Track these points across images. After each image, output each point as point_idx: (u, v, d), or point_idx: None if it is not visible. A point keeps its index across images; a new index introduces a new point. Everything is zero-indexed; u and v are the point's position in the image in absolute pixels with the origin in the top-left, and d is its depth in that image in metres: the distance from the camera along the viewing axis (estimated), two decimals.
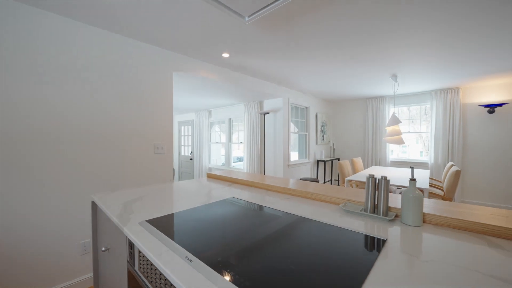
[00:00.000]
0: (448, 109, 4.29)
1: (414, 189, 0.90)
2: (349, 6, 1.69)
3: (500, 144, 3.93)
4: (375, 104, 5.15)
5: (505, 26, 2.00)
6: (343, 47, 2.43)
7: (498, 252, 0.68)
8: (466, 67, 3.10)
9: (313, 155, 5.17)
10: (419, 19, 1.87)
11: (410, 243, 0.75)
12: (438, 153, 4.42)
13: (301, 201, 1.28)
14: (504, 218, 0.87)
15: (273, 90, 3.96)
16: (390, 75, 3.45)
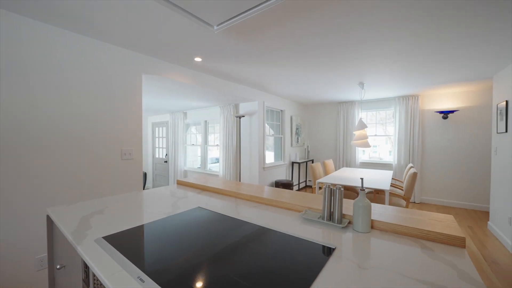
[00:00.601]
0: (409, 114, 4.66)
1: (363, 198, 0.98)
2: (317, 22, 1.77)
3: (453, 147, 4.36)
4: (346, 109, 5.43)
5: (456, 45, 2.23)
6: (315, 56, 2.53)
7: (429, 256, 0.78)
8: (425, 77, 3.40)
9: (288, 157, 5.30)
10: (383, 34, 2.02)
11: (356, 251, 0.82)
12: (401, 155, 4.78)
13: (267, 209, 1.32)
14: (439, 223, 0.99)
15: (248, 94, 4.00)
16: (358, 82, 3.66)
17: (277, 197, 1.40)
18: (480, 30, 1.94)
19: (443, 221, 0.99)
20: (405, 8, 1.62)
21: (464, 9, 1.63)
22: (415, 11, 1.66)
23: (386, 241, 0.89)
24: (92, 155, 2.10)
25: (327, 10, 1.64)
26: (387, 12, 1.67)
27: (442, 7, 1.61)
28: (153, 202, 1.45)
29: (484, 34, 2.01)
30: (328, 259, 0.76)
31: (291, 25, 1.85)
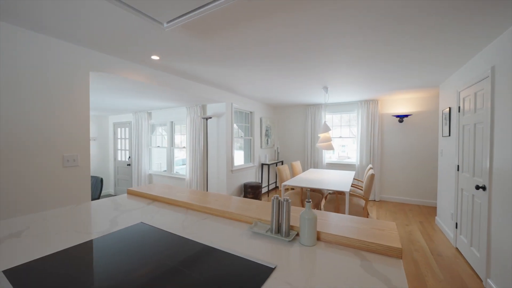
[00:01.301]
0: (370, 117, 4.94)
1: (309, 211, 0.96)
2: (277, 30, 1.74)
3: (407, 148, 4.73)
4: (313, 111, 5.58)
5: (408, 55, 2.38)
6: (280, 59, 2.52)
7: (367, 271, 0.77)
8: (382, 83, 3.61)
9: (258, 159, 5.28)
10: (343, 42, 2.07)
11: (297, 270, 0.78)
12: (363, 156, 5.06)
13: (218, 221, 1.24)
14: (381, 232, 1.00)
15: (216, 95, 3.88)
16: (322, 86, 3.77)
17: (229, 208, 1.33)
18: (428, 42, 2.09)
19: (385, 229, 1.01)
20: (360, 18, 1.67)
21: (413, 21, 1.73)
22: (370, 22, 1.72)
23: (330, 254, 0.87)
24: (26, 164, 1.82)
25: (286, 17, 1.61)
26: (344, 21, 1.70)
27: (395, 20, 1.69)
28: (89, 218, 1.28)
29: (432, 45, 2.17)
30: (263, 282, 0.71)
31: (251, 29, 1.80)
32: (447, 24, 1.76)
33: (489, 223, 2.07)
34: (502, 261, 1.86)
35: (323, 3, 1.48)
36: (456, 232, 2.84)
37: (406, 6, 1.51)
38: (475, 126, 2.43)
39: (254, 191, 4.35)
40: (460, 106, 2.84)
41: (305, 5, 1.50)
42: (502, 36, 1.92)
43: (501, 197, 1.89)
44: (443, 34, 1.93)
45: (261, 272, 0.76)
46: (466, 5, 1.51)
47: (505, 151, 1.85)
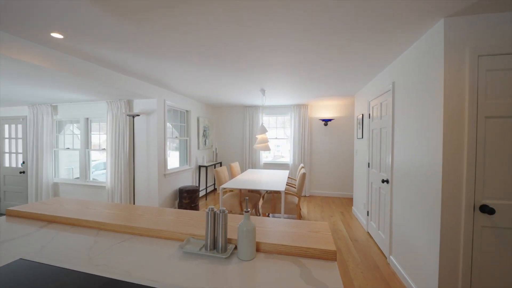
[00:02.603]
0: (301, 120, 5.39)
1: (247, 221, 0.89)
2: (217, 27, 1.61)
3: (331, 148, 5.38)
4: (251, 112, 5.68)
5: (332, 67, 2.65)
6: (218, 58, 2.38)
7: (306, 280, 0.75)
8: (311, 90, 3.96)
9: (195, 160, 4.99)
10: (277, 50, 2.10)
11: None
12: (295, 156, 5.47)
13: (142, 241, 1.03)
14: (317, 234, 1.02)
15: (145, 90, 3.41)
16: (260, 89, 3.85)
17: (157, 224, 1.13)
18: (348, 55, 2.38)
19: (320, 231, 1.04)
20: (292, 30, 1.72)
21: (333, 35, 1.91)
22: (300, 34, 1.80)
23: (270, 266, 0.82)
24: None
25: (224, 16, 1.51)
26: (276, 30, 1.72)
27: (322, 32, 1.82)
28: None
29: (350, 59, 2.48)
30: None
31: (186, 15, 1.61)
32: (361, 45, 2.03)
33: (391, 210, 2.52)
34: (399, 241, 2.29)
35: (257, 11, 1.45)
36: (368, 219, 3.38)
37: (332, 19, 1.65)
38: (381, 130, 2.93)
39: (191, 196, 4.06)
40: (370, 113, 3.39)
41: (241, 11, 1.43)
42: (400, 58, 2.36)
43: (399, 188, 2.33)
44: (358, 52, 2.23)
45: None
46: (373, 29, 1.76)
47: (401, 151, 2.29)
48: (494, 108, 1.54)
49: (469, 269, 1.58)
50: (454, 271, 1.61)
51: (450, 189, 1.61)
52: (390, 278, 2.25)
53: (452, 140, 1.61)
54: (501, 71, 1.53)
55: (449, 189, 1.61)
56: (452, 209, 1.61)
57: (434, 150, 1.72)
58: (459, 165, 1.60)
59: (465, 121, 1.58)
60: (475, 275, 1.58)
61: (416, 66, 2.01)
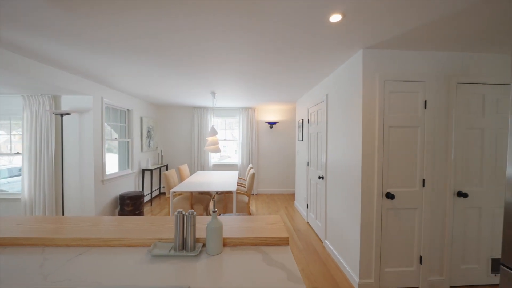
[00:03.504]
0: (249, 123, 5.67)
1: (215, 220, 1.00)
2: (168, 28, 1.62)
3: (276, 149, 5.84)
4: (200, 113, 5.63)
5: (278, 77, 2.94)
6: (167, 58, 2.34)
7: (268, 263, 0.92)
8: (258, 95, 4.23)
9: (138, 164, 4.62)
10: (229, 58, 2.23)
11: (212, 281, 0.80)
12: (244, 156, 5.71)
13: (102, 252, 1.01)
14: (272, 225, 1.21)
15: (78, 84, 3.00)
16: (210, 91, 3.89)
17: (115, 233, 1.11)
18: (289, 69, 2.71)
19: (275, 223, 1.24)
20: (240, 42, 1.89)
21: (277, 53, 2.18)
22: (247, 47, 1.99)
23: (237, 257, 0.96)
24: None
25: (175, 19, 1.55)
26: (226, 36, 1.86)
27: (265, 49, 2.05)
28: None
29: (293, 72, 2.82)
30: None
31: (135, 12, 1.57)
32: (301, 62, 2.38)
33: (326, 202, 2.99)
34: (332, 227, 2.76)
35: (207, 27, 1.57)
36: (307, 211, 3.87)
37: (273, 41, 1.90)
38: (317, 134, 3.42)
39: (135, 202, 3.76)
40: (309, 119, 3.89)
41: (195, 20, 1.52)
42: (332, 74, 2.84)
43: (332, 183, 2.80)
44: (299, 67, 2.58)
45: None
46: (311, 51, 2.11)
47: (333, 152, 2.76)
48: (394, 120, 2.08)
49: (379, 239, 2.08)
50: (370, 242, 2.09)
51: (367, 181, 2.08)
52: (326, 259, 2.68)
53: (368, 144, 2.08)
54: (399, 93, 2.08)
55: (366, 181, 2.08)
56: (368, 197, 2.09)
57: (356, 151, 2.17)
58: (372, 163, 2.08)
59: (375, 129, 2.07)
60: (383, 243, 2.09)
61: (343, 83, 2.48)
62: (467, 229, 2.16)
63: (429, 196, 2.10)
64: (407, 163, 2.10)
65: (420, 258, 2.12)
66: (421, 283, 2.11)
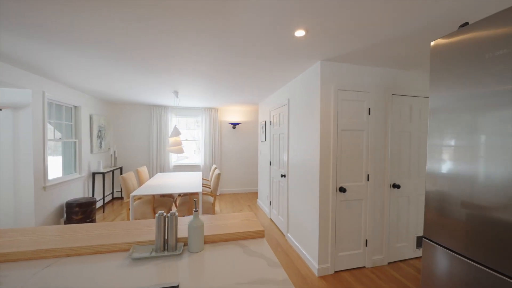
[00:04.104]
0: (212, 123, 5.64)
1: (197, 220, 1.06)
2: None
3: (239, 149, 5.95)
4: (160, 112, 5.35)
5: (242, 80, 3.04)
6: (126, 52, 2.21)
7: (248, 254, 1.02)
8: (221, 95, 4.27)
9: (87, 167, 4.16)
10: (195, 57, 2.24)
11: (197, 277, 0.86)
12: (207, 157, 5.66)
13: (75, 261, 0.96)
14: (248, 221, 1.32)
15: (12, 76, 2.57)
16: (173, 90, 3.77)
17: (85, 241, 1.07)
18: (253, 73, 2.85)
19: (250, 219, 1.35)
20: (204, 44, 1.95)
21: (242, 56, 2.30)
22: (212, 48, 2.05)
23: (219, 252, 1.04)
24: None
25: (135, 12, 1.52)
26: (190, 39, 1.90)
27: (232, 53, 2.15)
28: None
29: (255, 76, 2.97)
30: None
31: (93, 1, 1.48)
32: (264, 67, 2.54)
33: (287, 198, 3.24)
34: (294, 220, 3.01)
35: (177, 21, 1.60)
36: (270, 208, 4.09)
37: (240, 47, 2.02)
38: (280, 135, 3.66)
39: (85, 210, 3.39)
40: (271, 120, 4.12)
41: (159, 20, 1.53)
42: (294, 80, 3.08)
43: (293, 180, 3.05)
44: (262, 72, 2.75)
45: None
46: (275, 59, 2.29)
47: (294, 152, 3.01)
48: (345, 124, 2.40)
49: (334, 228, 2.39)
50: (326, 231, 2.37)
51: (324, 178, 2.36)
52: (288, 250, 2.91)
53: (324, 145, 2.36)
54: (349, 101, 2.41)
55: (324, 178, 2.36)
56: (325, 191, 2.37)
57: (315, 151, 2.44)
58: (328, 162, 2.37)
59: (331, 132, 2.37)
60: (337, 231, 2.40)
61: (304, 90, 2.74)
62: (399, 214, 2.64)
63: (372, 188, 2.50)
64: (356, 161, 2.45)
65: (366, 241, 2.50)
66: (366, 262, 2.49)
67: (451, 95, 1.13)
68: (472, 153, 1.04)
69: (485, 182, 0.99)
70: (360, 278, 2.31)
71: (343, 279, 2.29)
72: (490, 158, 0.98)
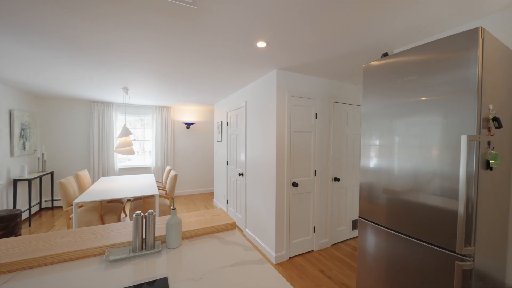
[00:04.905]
0: (164, 122, 5.39)
1: (175, 217, 1.12)
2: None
3: (194, 150, 5.84)
4: (102, 110, 4.81)
5: (199, 80, 3.07)
6: (72, 41, 2.00)
7: (225, 244, 1.14)
8: (175, 94, 4.15)
9: (7, 173, 3.44)
10: (150, 55, 2.19)
11: (183, 268, 0.94)
12: (158, 158, 5.37)
13: (39, 272, 0.90)
14: (219, 216, 1.42)
15: None
16: (122, 87, 3.49)
17: (51, 249, 1.00)
18: (210, 74, 2.93)
19: (220, 214, 1.45)
20: (165, 40, 1.97)
21: (199, 54, 2.37)
22: (171, 47, 2.08)
23: (197, 245, 1.12)
24: None
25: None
26: (144, 37, 1.89)
27: (185, 55, 2.21)
28: None
29: (212, 77, 3.05)
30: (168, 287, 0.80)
31: None
32: (222, 70, 2.67)
33: (245, 195, 3.42)
34: (252, 216, 3.21)
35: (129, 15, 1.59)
36: (228, 206, 4.20)
37: (199, 50, 2.10)
38: (237, 135, 3.81)
39: (7, 224, 2.81)
40: (228, 121, 4.23)
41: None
42: (252, 84, 3.28)
43: (251, 178, 3.25)
44: (221, 74, 2.86)
45: (157, 285, 0.82)
46: (233, 63, 2.44)
47: (252, 151, 3.21)
48: (297, 127, 2.72)
49: (289, 219, 2.68)
50: (282, 222, 2.65)
51: (280, 174, 2.62)
52: None
53: (280, 144, 2.63)
54: (300, 106, 2.75)
55: (279, 175, 2.62)
56: (281, 187, 2.63)
57: (271, 151, 2.68)
58: (283, 160, 2.64)
59: (285, 133, 2.65)
60: (291, 221, 2.70)
61: (261, 94, 2.96)
62: (339, 203, 3.13)
63: (319, 182, 2.90)
64: (306, 159, 2.81)
65: (314, 228, 2.88)
66: (314, 246, 2.88)
67: (377, 104, 1.49)
68: (390, 150, 1.41)
69: (398, 173, 1.36)
70: (311, 260, 2.67)
71: (296, 263, 2.60)
72: (401, 154, 1.35)
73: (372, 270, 1.49)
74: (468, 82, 1.07)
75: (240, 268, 0.93)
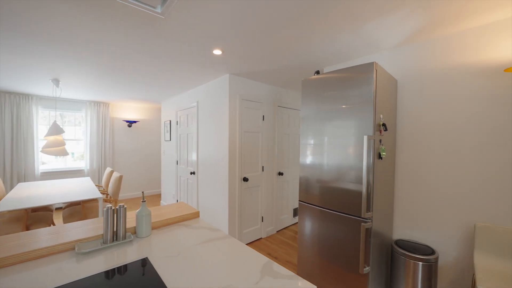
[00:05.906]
0: (101, 120, 4.87)
1: (145, 208, 1.22)
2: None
3: (138, 149, 5.45)
4: (17, 103, 4.01)
5: (142, 77, 3.01)
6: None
7: (194, 229, 1.30)
8: (116, 90, 3.84)
9: None
10: (81, 45, 2.09)
11: (159, 249, 1.07)
12: (94, 159, 4.81)
13: (12, 272, 0.88)
14: (182, 208, 1.56)
15: None
16: (52, 78, 3.06)
17: (9, 251, 0.97)
18: (158, 71, 2.94)
19: (182, 206, 1.59)
20: (113, 28, 1.97)
21: (144, 52, 2.42)
22: (121, 39, 2.08)
23: (167, 234, 1.25)
24: None
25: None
26: (102, 23, 1.87)
27: (130, 48, 2.24)
28: None
29: (160, 75, 3.06)
30: (147, 263, 0.93)
31: None
32: (178, 70, 2.74)
33: (198, 193, 3.51)
34: (205, 212, 3.34)
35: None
36: None
37: (153, 49, 2.17)
38: (188, 135, 3.85)
39: None
40: (178, 120, 4.20)
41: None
42: (205, 85, 3.39)
43: (203, 176, 3.37)
44: (173, 73, 2.91)
45: (139, 265, 0.94)
46: (186, 62, 2.56)
47: (204, 150, 3.33)
48: (247, 127, 3.02)
49: (240, 211, 2.95)
50: (234, 215, 2.89)
51: (232, 171, 2.86)
52: None
53: (232, 143, 2.86)
54: (249, 109, 3.05)
55: (232, 171, 2.86)
56: (233, 182, 2.87)
57: (224, 149, 2.89)
58: (234, 157, 2.89)
59: (237, 133, 2.90)
60: (242, 213, 2.98)
61: (213, 95, 3.12)
62: (282, 194, 3.59)
63: (266, 176, 3.27)
64: (254, 156, 3.13)
65: (262, 218, 3.24)
66: (262, 234, 3.24)
67: (311, 109, 1.90)
68: (321, 149, 1.83)
69: (326, 167, 1.79)
70: (259, 246, 3.00)
71: None
72: (329, 152, 1.79)
73: (309, 242, 1.90)
74: (369, 95, 1.55)
75: (210, 244, 1.13)
